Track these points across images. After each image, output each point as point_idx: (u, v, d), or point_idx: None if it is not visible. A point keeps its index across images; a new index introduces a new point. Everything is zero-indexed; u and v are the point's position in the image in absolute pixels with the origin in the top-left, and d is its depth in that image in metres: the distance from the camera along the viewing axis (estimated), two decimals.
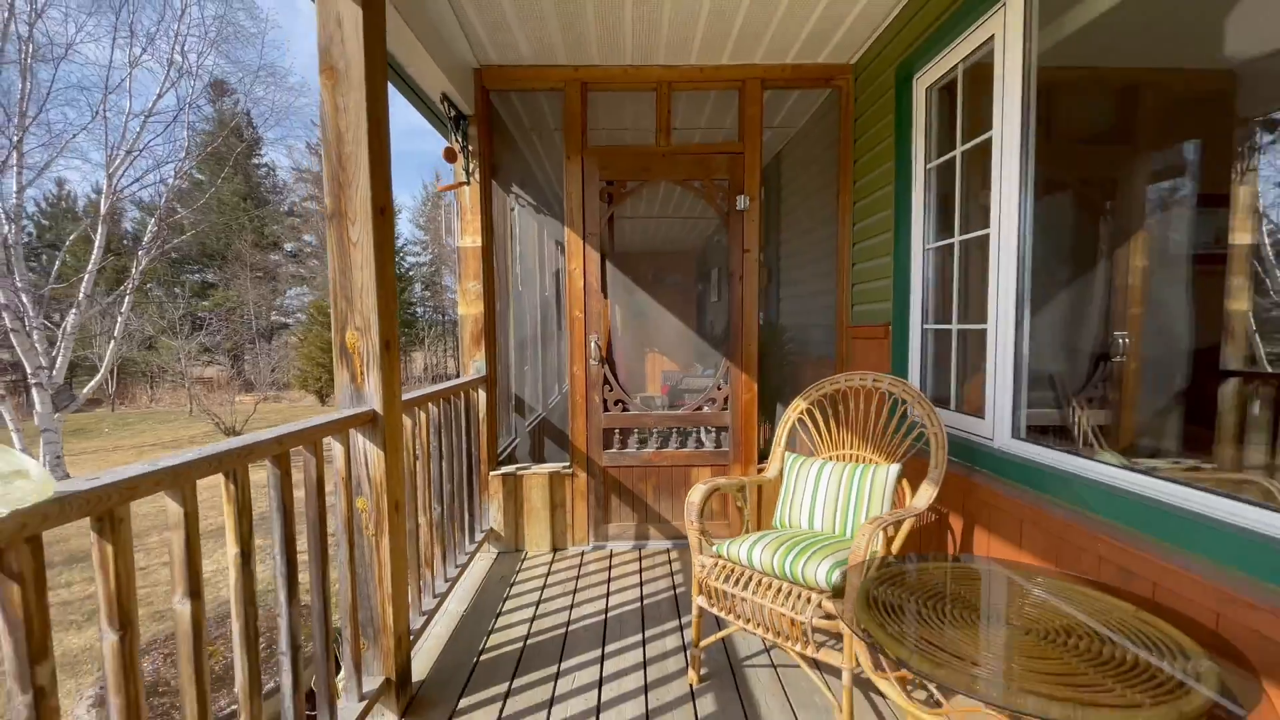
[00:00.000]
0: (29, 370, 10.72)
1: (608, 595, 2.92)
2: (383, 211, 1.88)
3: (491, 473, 3.52)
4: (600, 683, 2.19)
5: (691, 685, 2.15)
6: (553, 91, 3.49)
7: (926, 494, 2.09)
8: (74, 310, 11.49)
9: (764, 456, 3.61)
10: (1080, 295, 3.03)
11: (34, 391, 10.72)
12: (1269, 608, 1.17)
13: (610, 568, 3.28)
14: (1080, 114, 3.18)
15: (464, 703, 2.08)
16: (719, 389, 3.63)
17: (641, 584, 3.05)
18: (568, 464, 3.59)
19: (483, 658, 2.37)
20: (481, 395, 3.44)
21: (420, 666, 2.28)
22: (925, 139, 2.73)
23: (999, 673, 1.12)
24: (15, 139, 10.80)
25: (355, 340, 1.88)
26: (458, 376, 3.70)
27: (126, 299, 12.22)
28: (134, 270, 12.10)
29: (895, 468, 2.21)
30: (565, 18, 2.83)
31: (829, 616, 1.76)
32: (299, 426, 1.56)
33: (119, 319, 12.14)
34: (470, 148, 3.42)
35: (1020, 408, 2.13)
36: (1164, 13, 2.66)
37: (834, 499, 2.26)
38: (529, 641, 2.49)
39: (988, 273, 2.24)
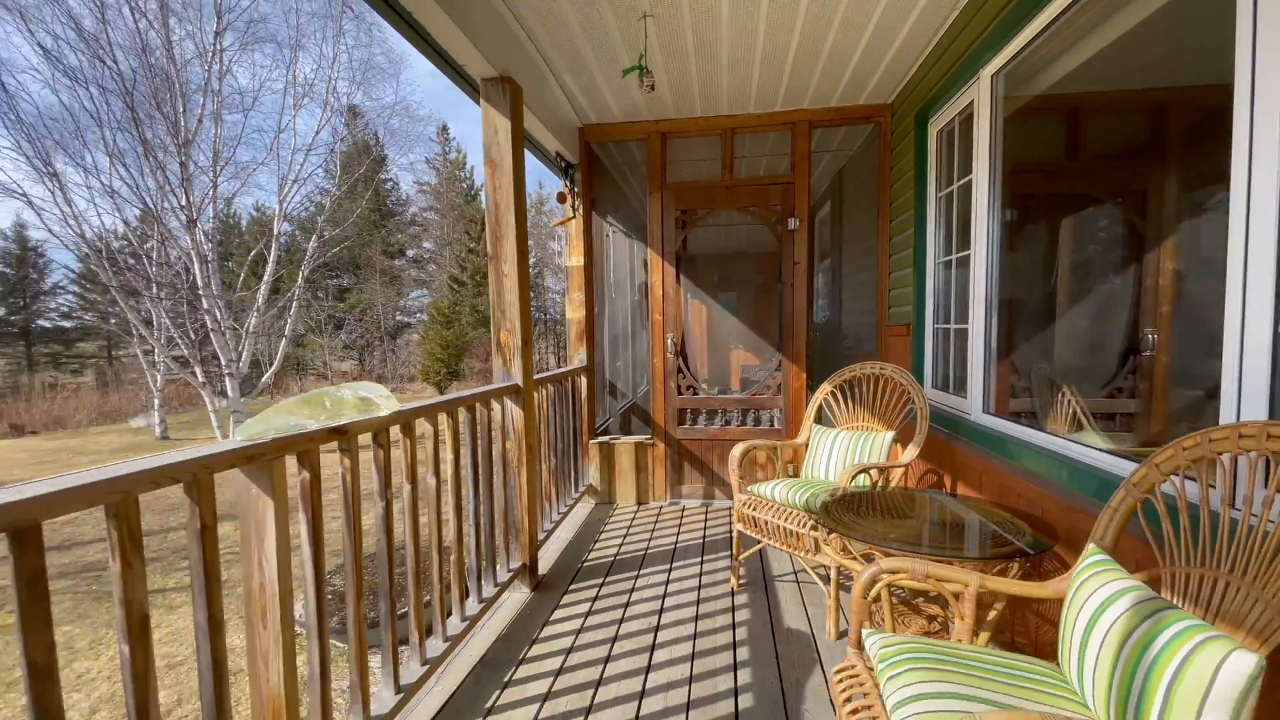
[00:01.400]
0: (224, 363, 13.22)
1: (678, 534, 3.79)
2: (522, 255, 2.86)
3: (591, 441, 4.50)
4: (666, 584, 3.06)
5: (732, 589, 2.98)
6: (639, 140, 4.40)
7: (910, 453, 2.79)
8: (254, 313, 13.97)
9: None
10: (1112, 296, 3.48)
11: (227, 380, 13.21)
12: (1070, 504, 1.84)
13: (682, 517, 4.15)
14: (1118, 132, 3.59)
15: (572, 587, 3.03)
16: (773, 378, 4.39)
17: (705, 528, 3.89)
18: (649, 436, 4.50)
19: (584, 564, 3.33)
20: (583, 380, 4.42)
21: (542, 566, 3.27)
22: (936, 172, 3.36)
23: (881, 533, 1.88)
24: (214, 176, 13.33)
25: (506, 339, 2.88)
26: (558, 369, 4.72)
27: (293, 304, 14.65)
28: (299, 278, 14.52)
29: (890, 434, 2.92)
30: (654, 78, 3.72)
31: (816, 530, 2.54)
32: (479, 390, 2.56)
33: (288, 321, 14.60)
34: (576, 189, 4.41)
35: (990, 389, 2.77)
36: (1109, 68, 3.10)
37: (842, 457, 3.00)
38: (617, 558, 3.42)
39: (968, 284, 2.88)
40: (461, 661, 2.31)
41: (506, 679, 2.20)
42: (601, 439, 4.54)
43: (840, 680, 1.39)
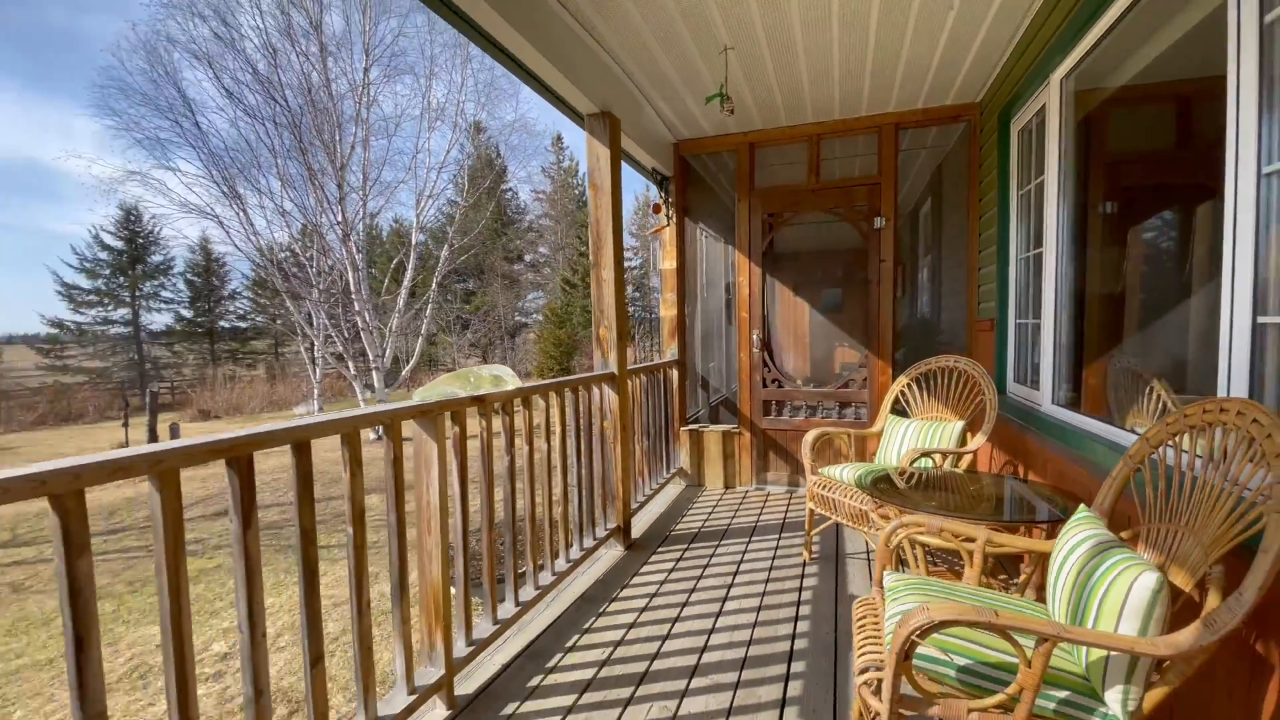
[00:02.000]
0: (371, 358, 15.09)
1: (759, 514, 4.12)
2: (618, 263, 3.34)
3: (681, 428, 4.92)
4: (744, 553, 3.42)
5: (804, 561, 3.28)
6: (729, 151, 4.75)
7: (976, 441, 2.95)
8: (395, 315, 15.80)
9: None
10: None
11: (374, 374, 15.06)
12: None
13: (766, 501, 4.45)
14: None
15: (660, 549, 3.47)
16: (858, 372, 4.57)
17: (786, 511, 4.18)
18: (736, 426, 4.84)
19: (671, 532, 3.76)
20: (674, 373, 4.85)
21: (635, 531, 3.74)
22: (1017, 170, 3.44)
23: (918, 501, 2.14)
24: (363, 195, 15.24)
25: (605, 334, 3.38)
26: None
27: (428, 307, 16.39)
28: (433, 283, 16.23)
29: (960, 424, 3.08)
30: (735, 101, 4.07)
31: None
32: (582, 376, 3.07)
33: (423, 321, 16.37)
34: (670, 199, 4.85)
35: (1059, 382, 2.86)
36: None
37: (912, 444, 3.19)
38: (701, 530, 3.82)
39: (1043, 280, 2.98)
40: (566, 595, 2.83)
41: (600, 610, 2.68)
42: (692, 427, 4.95)
43: (859, 608, 1.71)
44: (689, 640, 2.41)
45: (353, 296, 14.79)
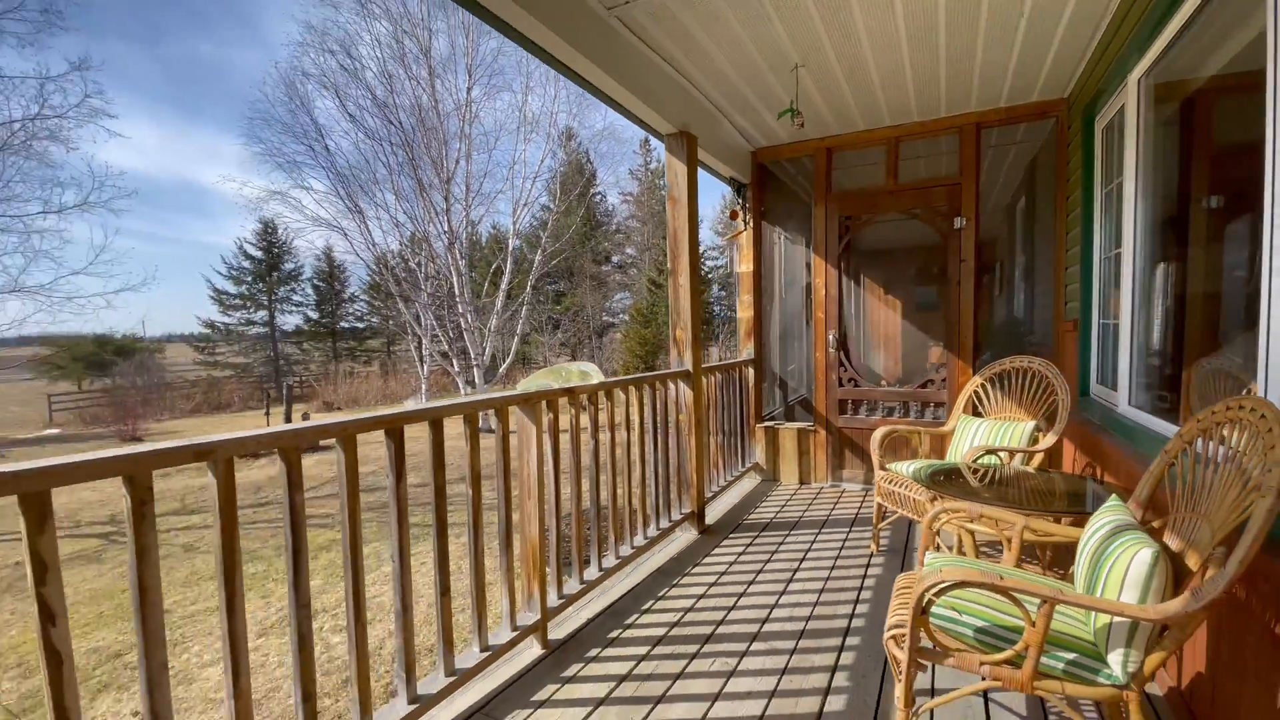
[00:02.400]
0: (472, 356, 16.23)
1: (832, 509, 4.26)
2: (693, 269, 3.63)
3: (757, 424, 5.13)
4: (812, 543, 3.60)
5: (871, 553, 3.41)
6: (806, 156, 4.90)
7: (1047, 441, 2.98)
8: (494, 316, 16.89)
9: None
10: None
11: (475, 370, 16.20)
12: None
13: (840, 497, 4.57)
14: None
15: (732, 535, 3.72)
16: (937, 372, 4.58)
17: (860, 507, 4.29)
18: (811, 423, 4.98)
19: (743, 521, 4.00)
20: (750, 371, 5.06)
21: (709, 518, 4.01)
22: (1101, 167, 3.39)
23: (971, 491, 2.27)
24: (466, 205, 16.42)
25: (680, 335, 3.68)
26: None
27: (523, 308, 17.39)
28: (528, 286, 17.22)
29: (1031, 423, 3.12)
30: (809, 111, 4.24)
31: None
32: (658, 373, 3.38)
33: (519, 322, 17.40)
34: (747, 205, 5.06)
35: (1136, 383, 2.84)
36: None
37: (981, 443, 3.25)
38: (773, 520, 4.02)
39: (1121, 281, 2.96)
40: (644, 568, 3.15)
41: (673, 582, 2.98)
42: (767, 423, 5.13)
43: (900, 581, 1.91)
44: (752, 612, 2.66)
45: (456, 299, 15.98)
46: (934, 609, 1.53)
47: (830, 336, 4.85)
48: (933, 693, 2.02)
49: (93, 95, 12.34)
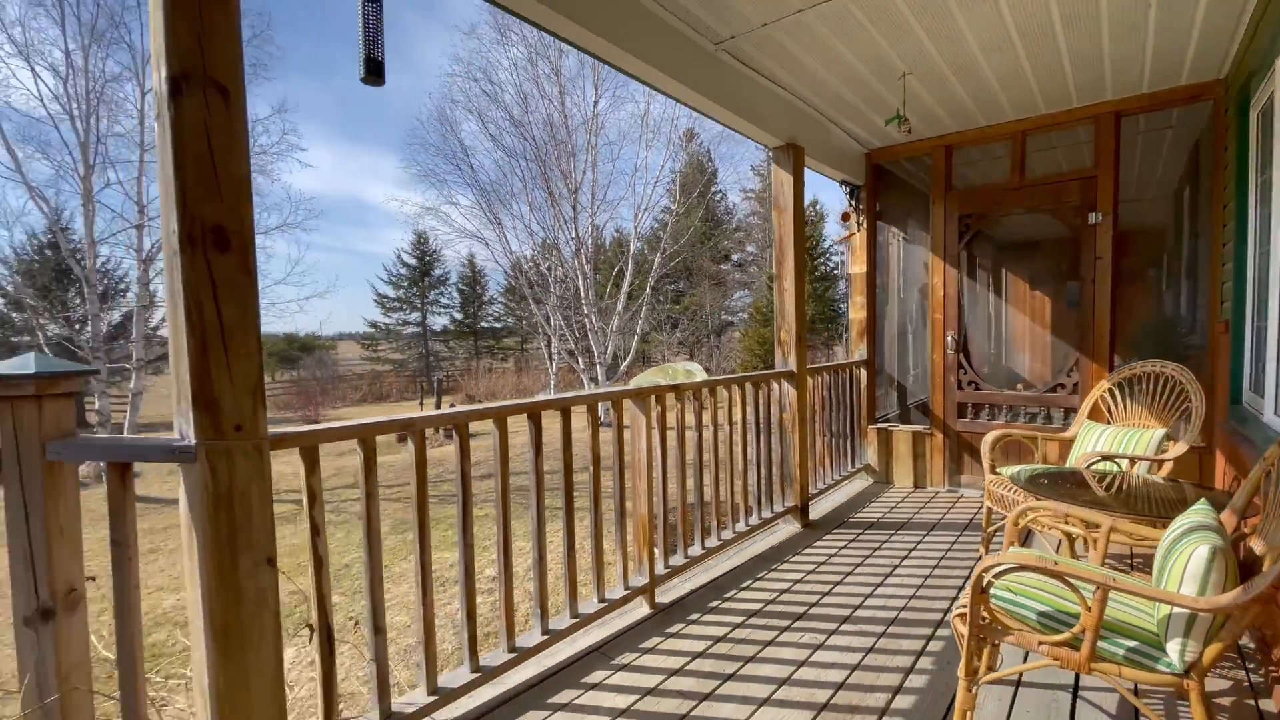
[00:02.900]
0: (595, 355, 17.16)
1: (945, 513, 4.22)
2: (798, 273, 3.81)
3: (869, 426, 5.14)
4: (918, 543, 3.63)
5: (979, 556, 3.40)
6: (924, 155, 4.84)
7: (1176, 450, 2.83)
8: (615, 316, 17.72)
9: None
10: None
11: (598, 368, 17.12)
12: None
13: (956, 502, 4.49)
14: None
15: (836, 530, 3.85)
16: (1067, 376, 4.35)
17: (976, 512, 4.21)
18: (928, 426, 4.91)
19: (849, 519, 4.10)
20: (863, 372, 5.09)
21: (813, 514, 4.16)
22: (1256, 157, 3.11)
23: (1071, 494, 2.29)
24: (592, 213, 17.37)
25: (785, 337, 3.88)
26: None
27: (643, 309, 18.08)
28: (647, 287, 17.87)
29: (1160, 431, 2.97)
30: (922, 112, 4.23)
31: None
32: (761, 372, 3.62)
33: (639, 322, 18.12)
34: (860, 206, 5.10)
35: None
36: None
37: (1103, 450, 3.13)
38: (880, 520, 4.08)
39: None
40: (745, 553, 3.41)
41: (772, 567, 3.22)
42: (880, 425, 5.13)
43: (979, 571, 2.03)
44: (846, 599, 2.83)
45: (581, 301, 16.98)
46: (1001, 593, 1.67)
47: (948, 338, 4.76)
48: (1018, 684, 2.10)
49: (289, 133, 14.72)
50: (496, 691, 2.06)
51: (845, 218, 5.02)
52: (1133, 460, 2.83)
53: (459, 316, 38.48)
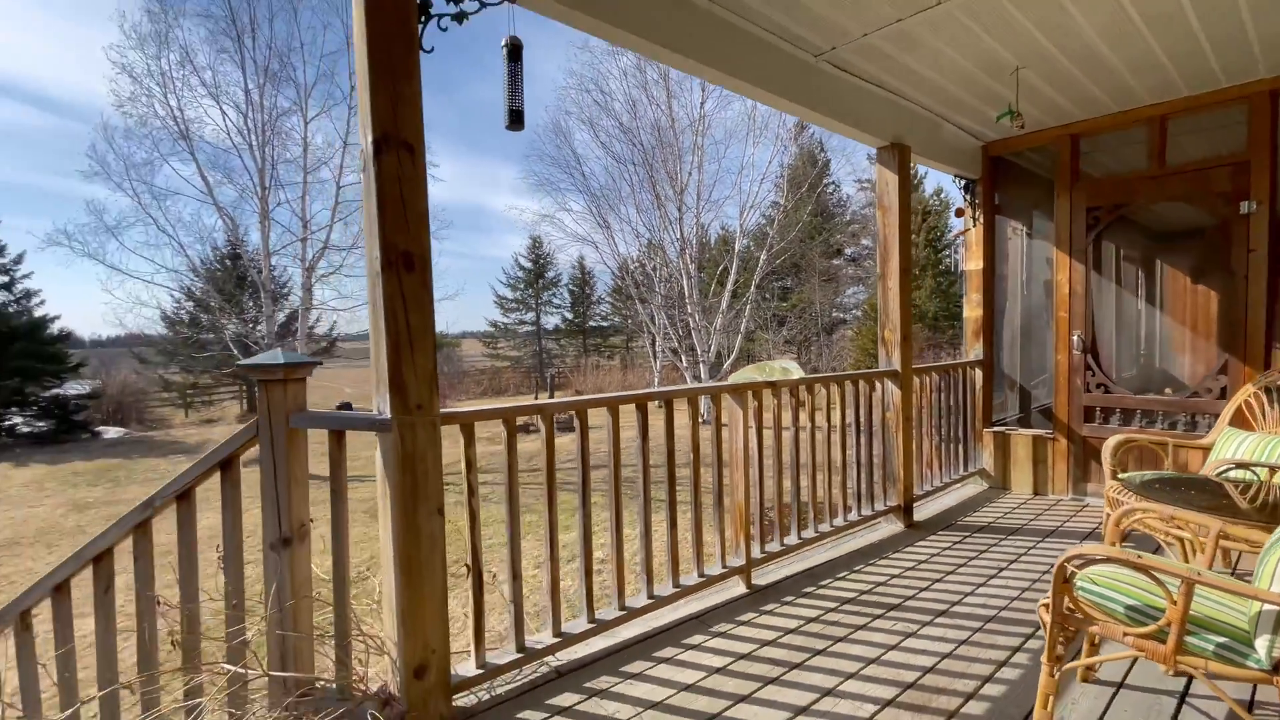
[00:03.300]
0: (699, 353, 17.38)
1: (1065, 521, 4.02)
2: (903, 272, 3.82)
3: (984, 429, 4.96)
4: (1031, 548, 3.52)
5: None
6: (1048, 145, 4.60)
7: None
8: (719, 315, 17.82)
9: None
10: None
11: (700, 366, 17.33)
12: None
13: (1079, 511, 4.26)
14: None
15: (942, 532, 3.82)
16: (1214, 380, 3.98)
17: (1099, 523, 3.98)
18: (1050, 430, 4.66)
19: (957, 522, 4.03)
20: (978, 373, 4.92)
21: (917, 516, 4.13)
22: None
23: (1185, 499, 2.21)
24: (697, 213, 17.60)
25: (889, 336, 3.91)
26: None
27: (747, 307, 18.05)
28: (752, 285, 17.82)
29: None
30: (1042, 103, 4.05)
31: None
32: (863, 371, 3.68)
33: (743, 320, 18.11)
34: (976, 201, 4.93)
35: None
36: None
37: (1235, 458, 2.91)
38: (990, 525, 3.98)
39: None
40: (843, 547, 3.51)
41: (870, 561, 3.29)
42: (996, 428, 4.94)
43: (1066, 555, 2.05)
44: (945, 595, 2.87)
45: (685, 300, 17.27)
46: (1088, 585, 1.72)
47: (1074, 338, 4.51)
48: (1120, 685, 2.09)
49: (428, 150, 16.21)
50: (608, 643, 2.38)
51: (959, 213, 4.89)
52: (1272, 469, 2.63)
53: (569, 316, 40.23)
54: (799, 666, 2.24)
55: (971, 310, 5.07)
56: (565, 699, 2.04)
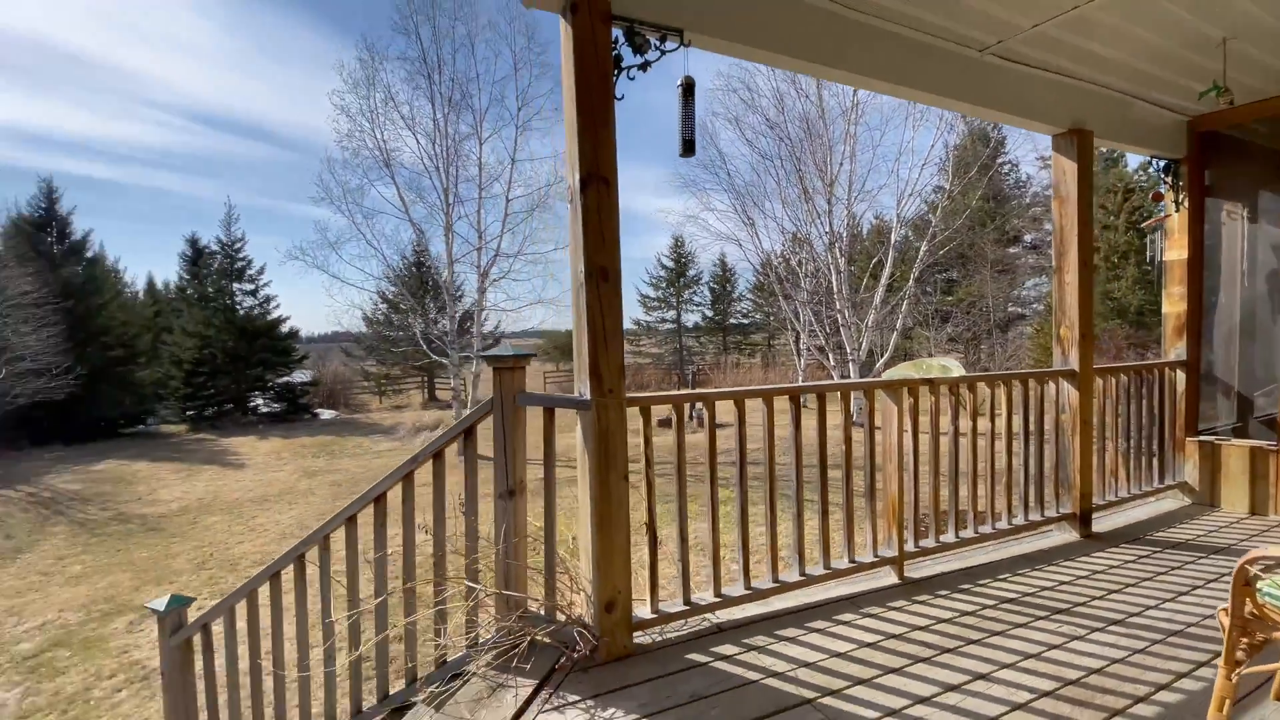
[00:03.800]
0: (848, 351, 16.74)
1: None
2: (1083, 265, 3.59)
3: (1188, 438, 4.42)
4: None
5: None
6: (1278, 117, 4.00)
7: None
8: (872, 311, 16.99)
9: None
10: None
11: (850, 365, 16.67)
12: None
13: None
14: None
15: (1125, 545, 3.53)
16: None
17: None
18: (1274, 441, 4.05)
19: (1146, 536, 3.69)
20: (1179, 375, 4.40)
21: (1098, 526, 3.83)
22: None
23: None
24: (848, 205, 16.93)
25: (1066, 333, 3.69)
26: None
27: (904, 302, 17.03)
28: (910, 279, 16.78)
29: None
30: (1261, 74, 3.56)
31: None
32: (1034, 370, 3.53)
33: (899, 316, 17.11)
34: (1180, 184, 4.40)
35: None
36: None
37: None
38: (1189, 542, 3.59)
39: None
40: (1006, 551, 3.41)
41: (1038, 566, 3.18)
42: (1203, 437, 4.38)
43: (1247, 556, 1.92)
44: (1122, 605, 2.72)
45: (834, 295, 16.72)
46: (1275, 590, 1.66)
47: None
48: None
49: None
50: (762, 610, 2.64)
51: (1157, 198, 4.40)
52: None
53: (709, 313, 40.50)
54: (951, 651, 2.32)
55: (1172, 305, 4.54)
56: (726, 649, 2.33)
